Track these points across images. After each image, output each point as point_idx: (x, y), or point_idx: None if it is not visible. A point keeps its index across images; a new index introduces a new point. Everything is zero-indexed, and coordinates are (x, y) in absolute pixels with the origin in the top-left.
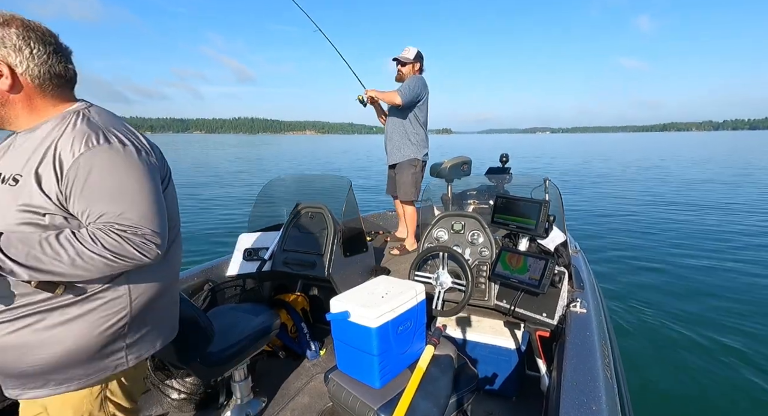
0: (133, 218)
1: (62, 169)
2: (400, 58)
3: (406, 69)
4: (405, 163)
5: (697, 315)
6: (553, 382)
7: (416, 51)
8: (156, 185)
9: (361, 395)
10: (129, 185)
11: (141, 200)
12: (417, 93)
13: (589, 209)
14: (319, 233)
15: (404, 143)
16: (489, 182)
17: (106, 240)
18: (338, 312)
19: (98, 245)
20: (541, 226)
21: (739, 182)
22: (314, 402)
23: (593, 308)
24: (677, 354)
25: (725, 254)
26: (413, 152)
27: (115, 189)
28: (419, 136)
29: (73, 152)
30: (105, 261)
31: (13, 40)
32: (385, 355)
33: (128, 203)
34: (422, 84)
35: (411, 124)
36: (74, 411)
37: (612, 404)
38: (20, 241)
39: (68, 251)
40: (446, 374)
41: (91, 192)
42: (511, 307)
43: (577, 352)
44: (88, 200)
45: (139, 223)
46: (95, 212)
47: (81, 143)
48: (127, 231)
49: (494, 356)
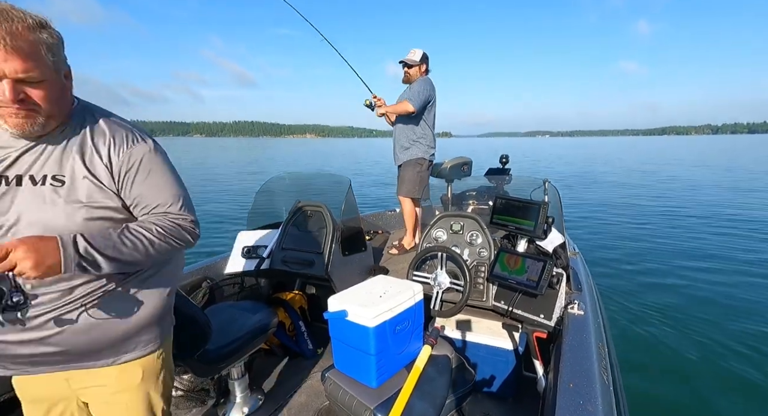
0: (181, 208)
1: (111, 166)
2: (406, 60)
3: (412, 71)
4: (412, 161)
5: (695, 318)
6: (549, 383)
7: (422, 53)
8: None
9: (357, 394)
10: (170, 178)
11: (181, 191)
12: (427, 96)
13: (588, 211)
14: (318, 231)
15: (412, 144)
16: (489, 183)
17: (168, 229)
18: (336, 310)
19: (164, 234)
20: (539, 227)
21: (741, 186)
22: (311, 401)
23: (591, 310)
24: (675, 357)
25: (725, 257)
26: (420, 152)
27: (161, 183)
28: (427, 137)
29: (117, 151)
30: (169, 248)
31: (56, 39)
32: (382, 355)
33: (174, 194)
34: (430, 86)
35: (419, 126)
36: (146, 371)
37: (608, 406)
38: (103, 237)
39: (143, 241)
40: (443, 374)
41: (142, 186)
42: (508, 308)
43: (574, 354)
44: (140, 194)
45: (185, 212)
46: (149, 204)
47: (122, 142)
48: (179, 219)
49: (491, 357)
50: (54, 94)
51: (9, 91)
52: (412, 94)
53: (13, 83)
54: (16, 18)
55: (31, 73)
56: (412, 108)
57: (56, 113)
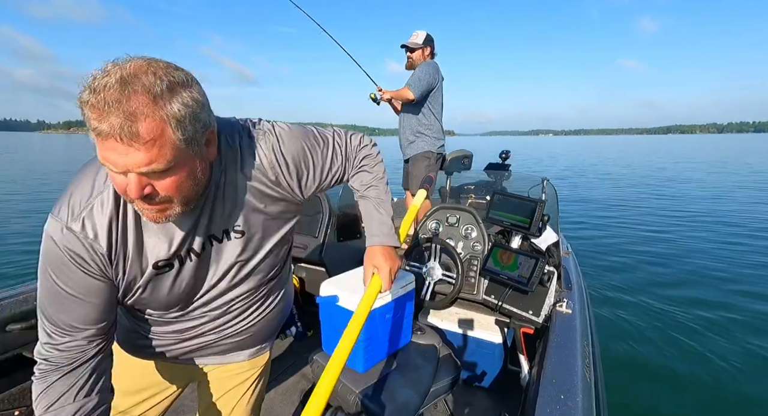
0: (349, 137)
1: (277, 174)
2: (408, 44)
3: (415, 55)
4: (419, 155)
5: (683, 323)
6: (532, 378)
7: (425, 34)
8: None
9: (344, 378)
10: (311, 133)
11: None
12: (429, 82)
13: (584, 212)
14: (314, 216)
15: (417, 137)
16: (488, 177)
17: (368, 159)
18: (327, 295)
19: (374, 165)
20: (535, 225)
21: (739, 187)
22: (298, 382)
23: (579, 310)
24: (660, 360)
25: (717, 263)
26: (427, 145)
27: (314, 145)
28: (433, 128)
29: (270, 157)
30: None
31: (192, 104)
32: (370, 341)
33: (331, 135)
34: (433, 70)
35: (424, 116)
36: (261, 366)
37: (588, 402)
38: (382, 224)
39: (382, 189)
40: (429, 363)
41: (316, 161)
42: (498, 303)
43: (558, 351)
44: (316, 168)
45: (351, 137)
46: (333, 168)
47: (264, 145)
48: (359, 145)
49: (478, 349)
50: (187, 180)
51: (132, 190)
52: (412, 80)
53: (138, 178)
54: (140, 89)
55: (153, 166)
56: (411, 95)
57: (193, 196)
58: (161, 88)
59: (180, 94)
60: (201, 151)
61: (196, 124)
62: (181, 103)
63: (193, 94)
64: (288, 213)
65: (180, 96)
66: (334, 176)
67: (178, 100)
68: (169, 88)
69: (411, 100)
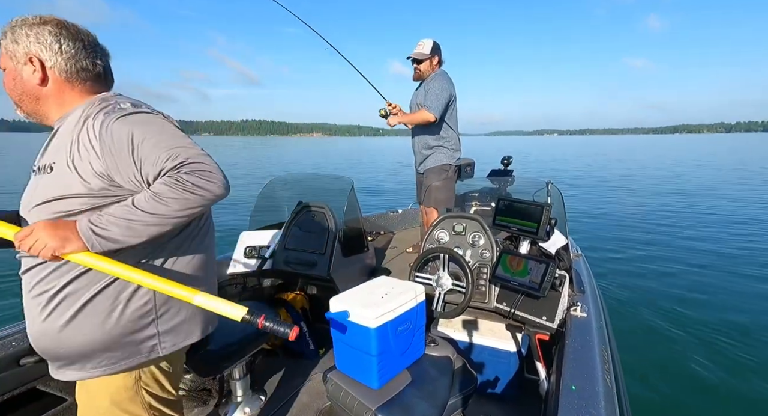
0: (188, 155)
1: (100, 143)
2: (414, 55)
3: (423, 66)
4: (436, 168)
5: (701, 323)
6: (551, 386)
7: (432, 43)
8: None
9: (359, 395)
10: (170, 132)
11: (187, 141)
12: (447, 98)
13: (592, 213)
14: (321, 232)
15: (435, 150)
16: (491, 184)
17: (170, 191)
18: (338, 311)
19: (176, 190)
20: (542, 229)
21: (751, 188)
22: (312, 401)
23: (594, 313)
24: (679, 361)
25: (733, 260)
26: (445, 158)
27: (162, 139)
28: (451, 140)
29: (105, 126)
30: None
31: (46, 36)
32: (384, 355)
33: (181, 146)
34: (447, 83)
35: (441, 129)
36: (110, 396)
37: (611, 409)
38: (112, 224)
39: (138, 219)
40: (445, 375)
41: (143, 149)
42: (511, 310)
43: (576, 356)
44: (142, 156)
45: (197, 158)
46: (152, 167)
47: (111, 115)
48: (189, 167)
49: (493, 358)
50: (10, 82)
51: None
52: (429, 100)
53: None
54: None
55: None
56: (432, 117)
57: (19, 102)
58: (8, 27)
59: (16, 31)
60: (19, 65)
61: (17, 46)
62: (12, 36)
63: (23, 32)
64: (88, 189)
65: (15, 32)
66: (136, 178)
67: (10, 34)
68: (11, 27)
69: (433, 122)
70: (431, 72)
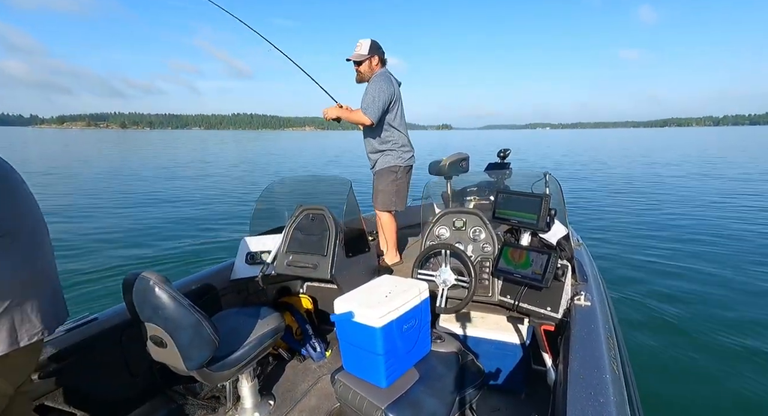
0: None
1: None
2: (352, 58)
3: (363, 67)
4: (384, 171)
5: (703, 309)
6: (559, 376)
7: (369, 42)
8: None
9: (368, 395)
10: None
11: None
12: (384, 99)
13: (591, 202)
14: (321, 234)
15: (382, 153)
16: (489, 177)
17: None
18: (342, 312)
19: None
20: (542, 220)
21: (748, 178)
22: (321, 403)
23: (597, 301)
24: (683, 347)
25: (734, 247)
26: (393, 159)
27: None
28: (398, 141)
29: None
30: None
31: None
32: (390, 354)
33: None
34: (386, 83)
35: (385, 131)
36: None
37: (620, 396)
38: None
39: None
40: (452, 371)
41: None
42: (515, 302)
43: (582, 345)
44: None
45: None
46: None
47: None
48: None
49: (500, 351)
50: None
51: None
52: (366, 103)
53: None
54: None
55: None
56: (368, 120)
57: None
58: None
59: None
60: None
61: None
62: None
63: None
64: None
65: None
66: None
67: None
68: None
69: (371, 125)
70: (371, 74)
